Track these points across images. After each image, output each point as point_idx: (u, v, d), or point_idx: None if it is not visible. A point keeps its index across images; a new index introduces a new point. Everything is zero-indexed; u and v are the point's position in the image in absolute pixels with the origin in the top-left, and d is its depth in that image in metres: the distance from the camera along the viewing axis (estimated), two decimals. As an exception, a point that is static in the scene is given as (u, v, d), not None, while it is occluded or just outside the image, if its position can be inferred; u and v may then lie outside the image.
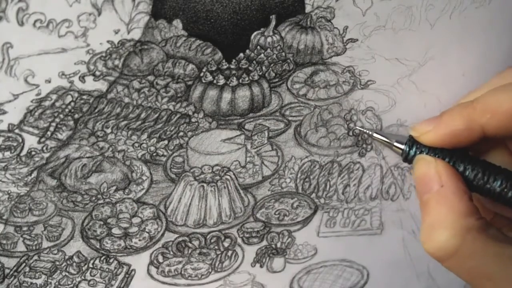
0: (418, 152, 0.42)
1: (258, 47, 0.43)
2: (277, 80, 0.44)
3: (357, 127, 0.46)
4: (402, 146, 0.43)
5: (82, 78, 0.40)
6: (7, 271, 0.45)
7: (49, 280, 0.46)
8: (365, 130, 0.46)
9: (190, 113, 0.44)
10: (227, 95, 0.44)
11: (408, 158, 0.43)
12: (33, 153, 0.42)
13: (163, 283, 0.48)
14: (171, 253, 0.48)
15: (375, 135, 0.45)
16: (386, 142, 0.44)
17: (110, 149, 0.43)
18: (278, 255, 0.50)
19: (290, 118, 0.46)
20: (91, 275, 0.47)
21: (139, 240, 0.46)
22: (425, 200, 0.39)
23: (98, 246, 0.46)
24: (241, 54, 0.43)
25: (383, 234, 0.52)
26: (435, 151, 0.41)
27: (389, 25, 0.43)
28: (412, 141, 0.42)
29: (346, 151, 0.48)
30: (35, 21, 0.37)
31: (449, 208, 0.37)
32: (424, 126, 0.42)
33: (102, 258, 0.46)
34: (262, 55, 0.43)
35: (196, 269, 0.49)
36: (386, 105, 0.46)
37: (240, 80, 0.44)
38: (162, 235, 0.47)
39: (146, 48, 0.41)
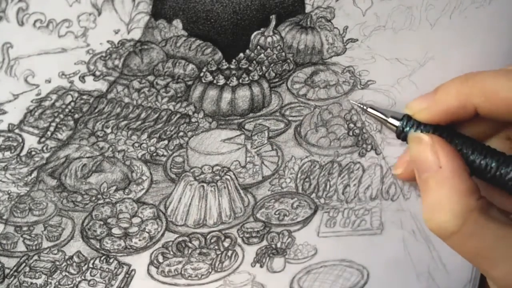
0: (413, 130, 0.41)
1: (258, 47, 0.43)
2: (277, 80, 0.44)
3: (351, 101, 0.45)
4: (397, 123, 0.42)
5: (82, 78, 0.40)
6: (7, 271, 0.45)
7: (49, 280, 0.46)
8: (359, 104, 0.45)
9: (190, 113, 0.44)
10: (227, 95, 0.44)
11: (402, 135, 0.42)
12: (33, 153, 0.42)
13: (163, 283, 0.48)
14: (171, 253, 0.48)
15: (369, 110, 0.44)
16: (380, 117, 0.44)
17: (110, 149, 0.43)
18: (278, 255, 0.50)
19: (290, 118, 0.46)
20: (91, 275, 0.47)
21: (139, 240, 0.46)
22: (424, 178, 0.39)
23: (98, 246, 0.46)
24: (241, 54, 0.43)
25: (383, 234, 0.52)
26: (431, 127, 0.41)
27: (389, 25, 0.43)
28: (407, 118, 0.42)
29: (346, 151, 0.48)
30: (35, 21, 0.37)
31: (450, 189, 0.37)
32: (418, 104, 0.41)
33: (102, 258, 0.46)
34: (262, 55, 0.43)
35: (196, 269, 0.49)
36: (386, 105, 0.46)
37: (240, 80, 0.44)
38: (162, 235, 0.47)
39: (146, 48, 0.41)
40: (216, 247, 0.48)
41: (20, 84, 0.39)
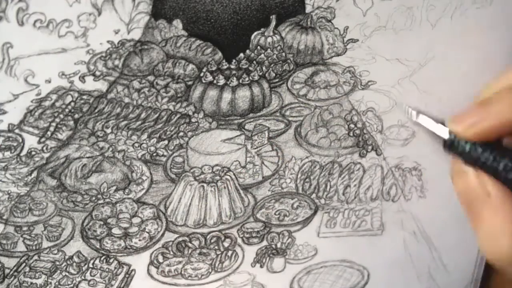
0: (465, 146, 0.35)
1: (258, 47, 0.43)
2: (277, 80, 0.44)
3: (405, 105, 0.39)
4: (446, 136, 0.36)
5: (82, 78, 0.40)
6: (7, 271, 0.45)
7: (49, 280, 0.46)
8: (409, 109, 0.37)
9: (190, 113, 0.44)
10: (227, 95, 0.44)
11: (451, 149, 0.36)
12: (33, 153, 0.42)
13: (163, 283, 0.48)
14: (171, 253, 0.48)
15: (420, 116, 0.39)
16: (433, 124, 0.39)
17: (110, 149, 0.43)
18: (278, 255, 0.50)
19: (290, 119, 0.46)
20: (91, 275, 0.47)
21: (139, 240, 0.46)
22: (475, 209, 0.37)
23: (98, 246, 0.46)
24: (241, 54, 0.43)
25: (384, 235, 0.51)
26: (480, 144, 0.35)
27: (390, 25, 0.43)
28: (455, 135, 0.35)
29: (347, 151, 0.48)
30: (35, 21, 0.37)
31: (504, 217, 0.37)
32: (467, 118, 0.35)
33: (102, 258, 0.46)
34: (262, 55, 0.43)
35: (196, 269, 0.49)
36: (386, 105, 0.46)
37: (240, 80, 0.43)
38: (162, 235, 0.47)
39: (146, 48, 0.41)
40: (216, 247, 0.48)
41: (20, 84, 0.39)
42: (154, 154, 0.44)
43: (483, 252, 0.38)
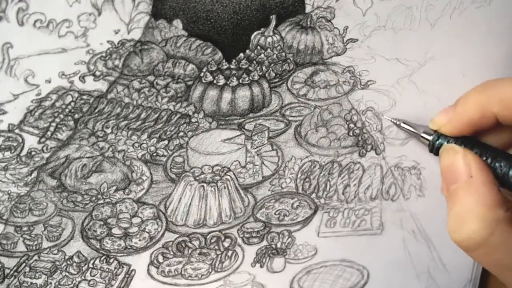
0: (446, 143, 0.42)
1: (258, 47, 0.43)
2: (277, 80, 0.44)
3: (386, 117, 0.46)
4: (429, 137, 0.43)
5: (82, 78, 0.40)
6: (7, 271, 0.44)
7: (49, 280, 0.46)
8: (393, 120, 0.46)
9: (190, 113, 0.44)
10: (227, 95, 0.44)
11: (434, 149, 0.42)
12: (33, 153, 0.42)
13: (163, 283, 0.48)
14: (171, 253, 0.48)
15: (402, 125, 0.45)
16: (413, 132, 0.44)
17: (110, 149, 0.43)
18: (278, 255, 0.50)
19: (290, 118, 0.46)
20: (91, 275, 0.47)
21: (139, 240, 0.46)
22: (453, 190, 0.39)
23: (98, 246, 0.46)
24: (241, 54, 0.43)
25: (383, 234, 0.52)
26: (461, 140, 0.41)
27: (389, 25, 0.43)
28: (438, 134, 0.42)
29: (346, 151, 0.48)
30: (35, 21, 0.37)
31: (479, 199, 0.37)
32: (441, 118, 0.42)
33: (102, 258, 0.46)
34: (262, 55, 0.43)
35: (196, 269, 0.49)
36: (386, 105, 0.46)
37: (240, 80, 0.44)
38: (162, 235, 0.47)
39: (146, 48, 0.41)
40: (216, 247, 0.48)
41: (20, 84, 0.39)
42: (154, 154, 0.44)
43: (449, 234, 0.38)
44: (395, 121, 0.46)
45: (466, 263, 0.54)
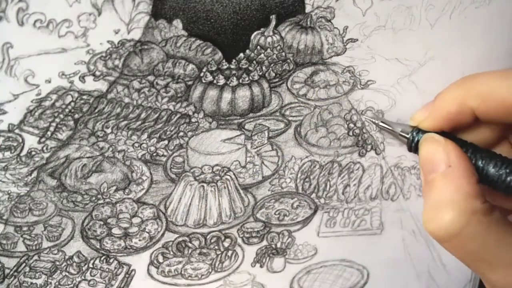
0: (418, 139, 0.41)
1: (258, 47, 0.43)
2: (277, 80, 0.44)
3: (364, 116, 0.46)
4: (407, 135, 0.42)
5: (82, 78, 0.40)
6: (7, 271, 0.44)
7: (49, 280, 0.46)
8: (371, 119, 0.45)
9: (190, 113, 0.44)
10: (227, 95, 0.44)
11: (413, 147, 0.42)
12: (33, 153, 0.42)
13: (163, 283, 0.48)
14: (171, 253, 0.48)
15: (381, 123, 0.44)
16: (391, 130, 0.44)
17: (110, 149, 0.43)
18: (278, 255, 0.50)
19: (290, 118, 0.46)
20: (91, 275, 0.47)
21: (139, 240, 0.46)
22: (431, 179, 0.38)
23: (98, 246, 0.46)
24: (241, 54, 0.43)
25: (383, 234, 0.52)
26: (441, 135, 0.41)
27: (389, 25, 0.43)
28: (417, 130, 0.42)
29: (346, 151, 0.48)
30: (35, 21, 0.37)
31: (456, 189, 0.37)
32: (420, 114, 0.41)
33: (102, 258, 0.46)
34: (262, 55, 0.43)
35: (196, 269, 0.49)
36: (386, 105, 0.46)
37: (240, 80, 0.44)
38: (162, 235, 0.47)
39: (146, 48, 0.41)
40: (216, 247, 0.48)
41: (20, 84, 0.39)
42: (154, 154, 0.44)
43: (423, 224, 0.38)
44: (374, 121, 0.45)
45: (466, 263, 0.54)
